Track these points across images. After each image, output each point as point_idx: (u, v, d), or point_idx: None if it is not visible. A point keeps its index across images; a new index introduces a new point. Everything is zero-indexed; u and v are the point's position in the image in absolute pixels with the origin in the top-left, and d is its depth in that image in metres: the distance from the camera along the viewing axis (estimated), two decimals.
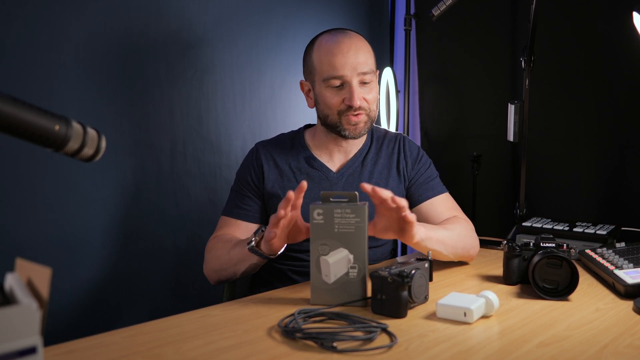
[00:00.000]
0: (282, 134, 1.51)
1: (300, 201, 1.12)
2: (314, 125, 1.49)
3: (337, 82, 1.34)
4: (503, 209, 2.01)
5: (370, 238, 1.09)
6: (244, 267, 1.26)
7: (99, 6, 1.53)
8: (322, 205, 1.07)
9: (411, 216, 1.09)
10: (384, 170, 1.45)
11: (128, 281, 1.63)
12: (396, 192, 1.44)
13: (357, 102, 1.33)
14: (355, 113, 1.35)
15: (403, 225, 1.12)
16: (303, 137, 1.48)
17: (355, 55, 1.34)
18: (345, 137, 1.39)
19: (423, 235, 1.17)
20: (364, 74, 1.34)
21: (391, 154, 1.47)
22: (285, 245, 1.20)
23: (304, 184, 1.10)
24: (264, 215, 1.44)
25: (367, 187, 1.06)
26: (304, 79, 1.45)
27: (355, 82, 1.34)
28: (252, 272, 1.30)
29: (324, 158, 1.45)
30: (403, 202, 1.08)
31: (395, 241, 1.51)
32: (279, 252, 1.19)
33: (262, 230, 1.19)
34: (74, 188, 1.51)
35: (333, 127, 1.38)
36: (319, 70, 1.36)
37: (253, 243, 1.18)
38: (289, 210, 1.11)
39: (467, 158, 1.94)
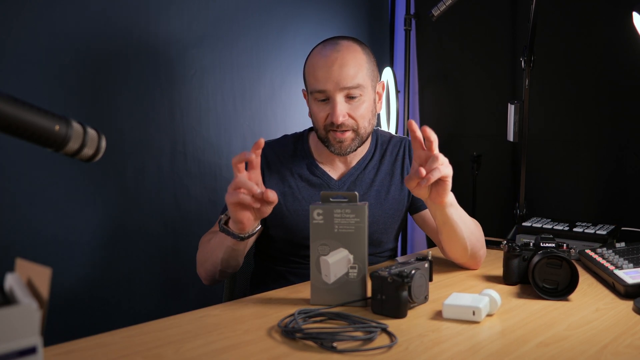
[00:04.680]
0: (286, 136, 1.48)
1: (257, 160, 1.09)
2: None
3: (321, 96, 1.30)
4: (503, 209, 2.01)
5: (371, 244, 1.06)
6: (221, 253, 1.20)
7: (99, 6, 1.53)
8: (322, 206, 1.07)
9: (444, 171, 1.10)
10: (387, 177, 1.43)
11: (128, 281, 1.63)
12: (397, 200, 1.43)
13: (339, 119, 1.27)
14: (341, 130, 1.30)
15: (438, 182, 1.11)
16: (307, 143, 1.44)
17: (340, 69, 1.27)
18: (332, 153, 1.35)
19: (452, 199, 1.17)
20: (349, 89, 1.28)
21: (395, 159, 1.44)
22: (259, 226, 1.16)
23: (261, 141, 1.07)
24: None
25: (414, 125, 1.10)
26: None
27: (339, 98, 1.28)
28: (233, 263, 1.23)
29: (326, 166, 1.41)
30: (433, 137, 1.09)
31: (395, 246, 1.50)
32: (249, 232, 1.14)
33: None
34: (74, 188, 1.51)
35: (322, 141, 1.35)
36: (308, 82, 1.34)
37: (222, 222, 1.14)
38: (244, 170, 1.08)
39: (467, 158, 1.94)
